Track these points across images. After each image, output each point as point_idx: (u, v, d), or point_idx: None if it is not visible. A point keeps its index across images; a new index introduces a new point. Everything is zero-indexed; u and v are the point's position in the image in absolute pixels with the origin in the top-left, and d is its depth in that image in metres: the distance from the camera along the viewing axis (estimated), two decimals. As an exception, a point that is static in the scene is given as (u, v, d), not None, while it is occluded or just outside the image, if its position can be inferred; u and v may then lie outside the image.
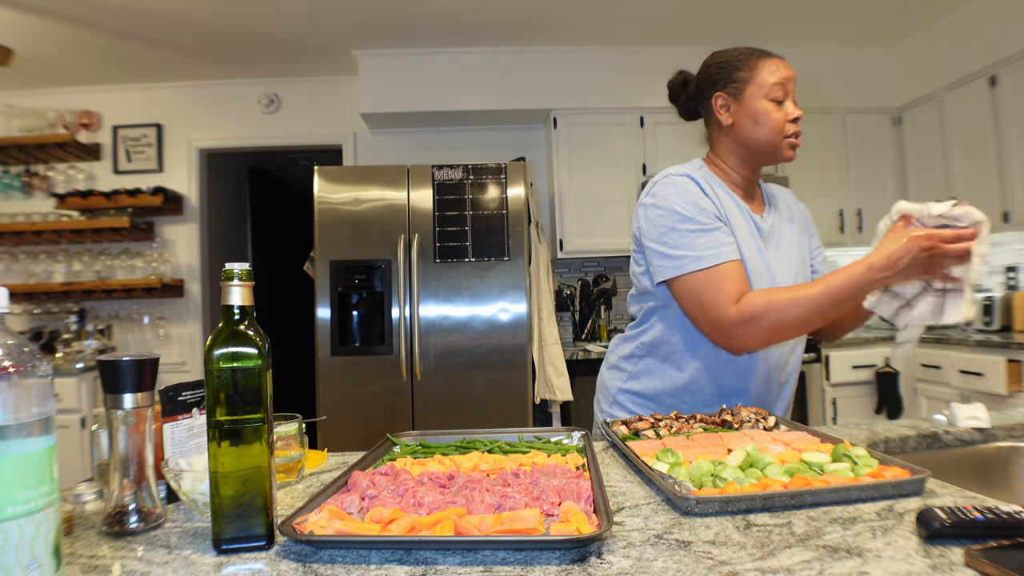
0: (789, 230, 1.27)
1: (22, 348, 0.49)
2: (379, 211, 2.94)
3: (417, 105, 3.60)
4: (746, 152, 1.23)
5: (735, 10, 3.28)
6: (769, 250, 1.22)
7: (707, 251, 1.09)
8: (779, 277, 1.21)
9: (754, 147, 1.22)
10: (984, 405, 1.19)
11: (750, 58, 1.21)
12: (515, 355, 2.92)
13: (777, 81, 1.19)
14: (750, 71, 1.20)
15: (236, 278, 0.66)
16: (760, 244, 1.21)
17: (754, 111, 1.20)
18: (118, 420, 0.71)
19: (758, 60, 1.21)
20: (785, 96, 1.19)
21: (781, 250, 1.24)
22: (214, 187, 4.11)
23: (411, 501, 0.69)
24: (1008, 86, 2.98)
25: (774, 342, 1.13)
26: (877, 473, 0.75)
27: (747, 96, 1.20)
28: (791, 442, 0.90)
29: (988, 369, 2.74)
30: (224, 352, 0.64)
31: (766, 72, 1.19)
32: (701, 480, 0.75)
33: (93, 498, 0.83)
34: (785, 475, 0.75)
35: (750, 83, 1.20)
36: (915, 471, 0.74)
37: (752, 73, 1.20)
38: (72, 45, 3.32)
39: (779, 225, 1.27)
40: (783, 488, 0.71)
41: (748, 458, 0.80)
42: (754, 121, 1.20)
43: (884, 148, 3.75)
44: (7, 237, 3.63)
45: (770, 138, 1.20)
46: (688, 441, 0.93)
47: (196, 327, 3.86)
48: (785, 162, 1.23)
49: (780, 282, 1.20)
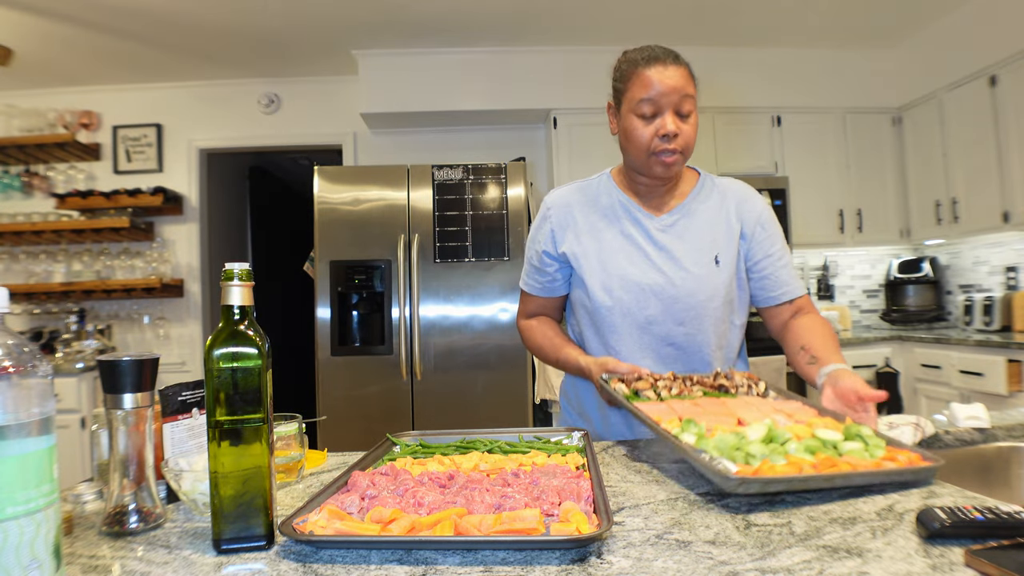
0: (702, 224, 1.23)
1: (22, 348, 0.49)
2: (379, 211, 2.94)
3: (417, 105, 3.60)
4: (630, 163, 1.23)
5: (735, 10, 3.28)
6: (667, 236, 1.22)
7: (525, 278, 1.36)
8: (686, 263, 1.20)
9: (629, 162, 1.22)
10: (984, 405, 1.19)
11: (630, 69, 1.16)
12: (515, 355, 2.92)
13: (646, 97, 1.12)
14: (625, 83, 1.17)
15: (236, 278, 0.66)
16: (644, 241, 1.22)
17: (624, 127, 1.18)
18: (118, 420, 0.71)
19: (634, 72, 1.15)
20: (656, 112, 1.13)
21: (683, 240, 1.21)
22: (214, 187, 4.11)
23: (411, 501, 0.69)
24: (1008, 86, 2.98)
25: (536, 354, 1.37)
26: (891, 456, 0.76)
27: (623, 110, 1.18)
28: (792, 413, 0.91)
29: (988, 369, 2.74)
30: (224, 352, 0.64)
31: (637, 87, 1.14)
32: (732, 455, 0.74)
33: (93, 498, 0.83)
34: (807, 453, 0.76)
35: (624, 96, 1.17)
36: (926, 456, 0.75)
37: (626, 86, 1.16)
38: (72, 45, 3.32)
39: (687, 220, 1.23)
40: (813, 469, 0.71)
41: (769, 433, 0.80)
42: (625, 136, 1.19)
43: (884, 148, 3.75)
44: (7, 237, 3.62)
45: (635, 155, 1.17)
46: (696, 407, 0.93)
47: (196, 327, 3.86)
48: (658, 180, 1.20)
49: (681, 265, 1.20)
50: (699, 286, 1.19)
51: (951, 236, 3.44)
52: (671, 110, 1.12)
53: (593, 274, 1.23)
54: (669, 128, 1.11)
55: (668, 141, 1.12)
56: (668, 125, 1.12)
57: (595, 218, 1.26)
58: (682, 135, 1.13)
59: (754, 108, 3.68)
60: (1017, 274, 3.30)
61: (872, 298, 4.04)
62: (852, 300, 4.02)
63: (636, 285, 1.20)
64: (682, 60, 1.15)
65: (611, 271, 1.21)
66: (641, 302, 1.20)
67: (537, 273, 1.32)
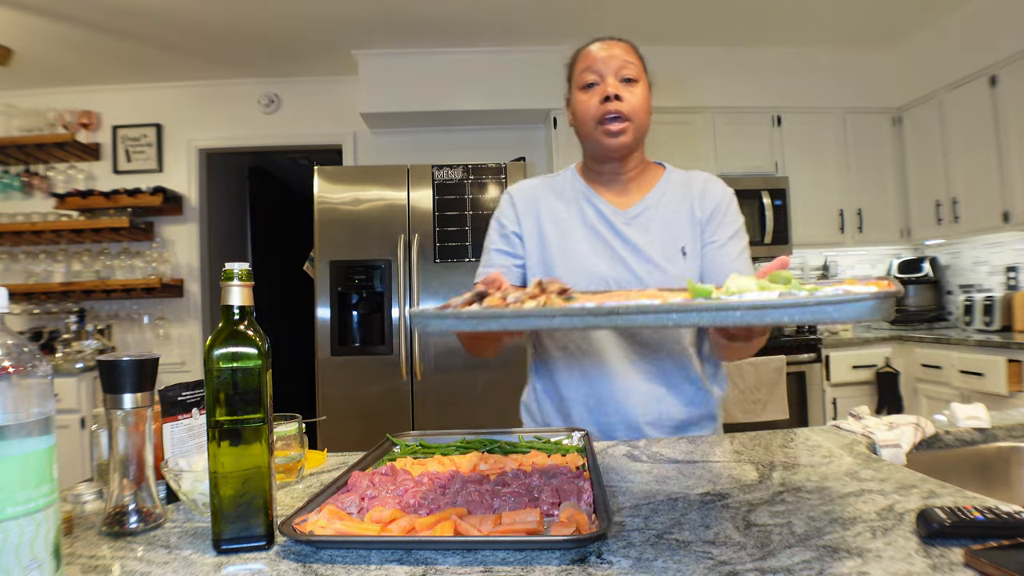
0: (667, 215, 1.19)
1: (22, 348, 0.49)
2: (379, 211, 2.94)
3: (417, 105, 3.60)
4: (585, 148, 1.20)
5: (734, 10, 3.28)
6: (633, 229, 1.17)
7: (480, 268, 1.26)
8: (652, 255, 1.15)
9: (583, 143, 1.19)
10: (984, 405, 1.19)
11: (576, 53, 1.16)
12: (515, 355, 2.92)
13: (588, 67, 1.11)
14: (572, 68, 1.16)
15: (236, 278, 0.66)
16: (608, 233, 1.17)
17: (573, 107, 1.16)
18: (118, 420, 0.71)
19: (578, 54, 1.15)
20: (598, 79, 1.11)
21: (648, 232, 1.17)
22: (214, 187, 4.11)
23: (411, 501, 0.69)
24: (1008, 86, 2.98)
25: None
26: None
27: (572, 96, 1.17)
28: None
29: (988, 369, 2.74)
30: (224, 352, 0.64)
31: (580, 63, 1.14)
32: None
33: (93, 498, 0.83)
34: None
35: (572, 81, 1.16)
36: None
37: (573, 71, 1.15)
38: (72, 45, 3.31)
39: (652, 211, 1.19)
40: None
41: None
42: (574, 117, 1.17)
43: (884, 148, 3.75)
44: (7, 237, 3.62)
45: (586, 131, 1.14)
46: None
47: (196, 327, 3.86)
48: (611, 152, 1.14)
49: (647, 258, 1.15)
50: (666, 279, 1.14)
51: (951, 236, 3.44)
52: (613, 74, 1.11)
53: (556, 266, 1.18)
54: (610, 90, 1.09)
55: (611, 103, 1.09)
56: (609, 88, 1.09)
57: (559, 208, 1.22)
58: (627, 101, 1.10)
59: (754, 108, 3.68)
60: (1017, 274, 3.30)
61: (872, 298, 4.03)
62: (852, 300, 4.02)
63: (600, 279, 1.15)
64: (627, 41, 1.15)
65: (574, 262, 1.17)
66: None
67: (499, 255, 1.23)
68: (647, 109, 1.15)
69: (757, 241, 3.44)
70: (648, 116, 1.16)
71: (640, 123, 1.13)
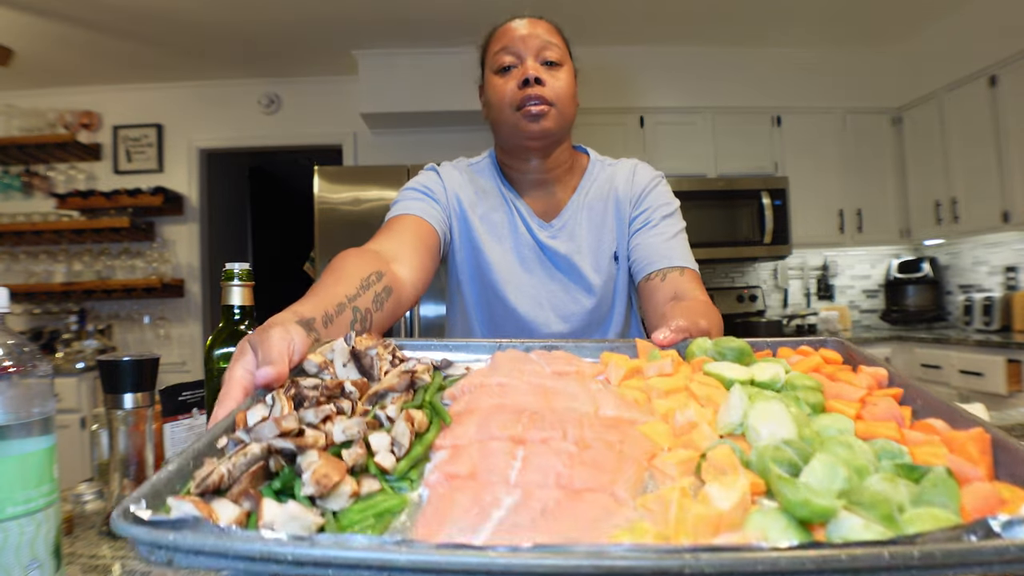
0: (594, 218, 1.08)
1: (22, 348, 0.49)
2: (379, 211, 2.94)
3: (417, 105, 3.60)
4: (501, 142, 1.06)
5: (735, 10, 3.28)
6: (560, 242, 1.06)
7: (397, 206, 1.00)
8: (584, 270, 1.06)
9: (499, 135, 1.04)
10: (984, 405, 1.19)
11: (489, 33, 1.04)
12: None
13: (503, 46, 0.99)
14: (485, 49, 1.04)
15: (236, 278, 0.66)
16: (535, 247, 1.06)
17: (487, 94, 1.03)
18: (118, 420, 0.71)
19: (492, 33, 1.03)
20: (516, 60, 0.99)
21: (574, 240, 1.07)
22: (214, 187, 4.11)
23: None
24: (1008, 86, 2.98)
25: None
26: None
27: (486, 81, 1.04)
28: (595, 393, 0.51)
29: (988, 369, 2.74)
30: (224, 352, 0.64)
31: (495, 43, 1.01)
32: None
33: (93, 498, 0.83)
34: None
35: (486, 63, 1.03)
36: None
37: (487, 52, 1.03)
38: (72, 45, 3.32)
39: (578, 217, 1.07)
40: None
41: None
42: (488, 105, 1.03)
43: (884, 148, 3.75)
44: (7, 237, 3.63)
45: (502, 120, 1.00)
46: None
47: (196, 327, 3.86)
48: (531, 141, 1.00)
49: (581, 274, 1.05)
50: (604, 295, 1.05)
51: (951, 236, 3.44)
52: (533, 56, 0.98)
53: (496, 281, 1.05)
54: (530, 72, 0.96)
55: (531, 87, 0.96)
56: (529, 70, 0.96)
57: (485, 208, 1.07)
58: (550, 86, 0.98)
59: (754, 108, 3.68)
60: (1017, 274, 3.30)
61: (872, 298, 4.04)
62: (852, 300, 4.02)
63: (535, 300, 1.05)
64: (551, 21, 1.05)
65: (511, 278, 1.05)
66: (540, 318, 1.05)
67: (417, 201, 1.00)
68: (572, 97, 1.02)
69: (757, 241, 3.44)
70: (574, 106, 1.03)
71: (564, 111, 1.00)
